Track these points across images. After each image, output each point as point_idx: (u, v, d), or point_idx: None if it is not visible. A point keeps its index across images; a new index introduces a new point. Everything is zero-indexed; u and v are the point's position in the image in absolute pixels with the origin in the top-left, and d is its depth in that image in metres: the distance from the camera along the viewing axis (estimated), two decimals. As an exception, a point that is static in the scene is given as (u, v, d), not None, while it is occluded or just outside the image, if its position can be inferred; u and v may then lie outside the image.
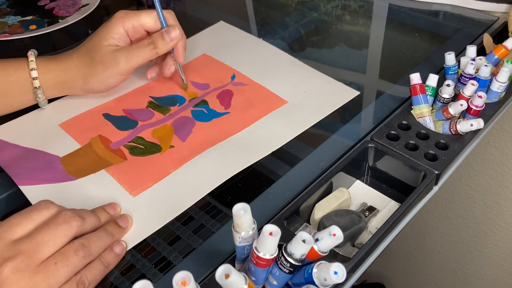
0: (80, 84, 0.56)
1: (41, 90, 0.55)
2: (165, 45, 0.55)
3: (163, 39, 0.55)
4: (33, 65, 0.54)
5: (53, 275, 0.36)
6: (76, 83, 0.56)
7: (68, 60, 0.55)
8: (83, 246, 0.38)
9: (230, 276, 0.30)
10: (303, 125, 0.55)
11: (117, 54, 0.54)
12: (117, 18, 0.55)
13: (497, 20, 0.70)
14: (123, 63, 0.54)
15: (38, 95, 0.55)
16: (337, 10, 0.77)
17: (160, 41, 0.55)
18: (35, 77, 0.54)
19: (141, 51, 0.55)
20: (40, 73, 0.54)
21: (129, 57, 0.55)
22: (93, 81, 0.55)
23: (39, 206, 0.39)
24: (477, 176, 0.96)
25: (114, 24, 0.55)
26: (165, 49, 0.56)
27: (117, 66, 0.54)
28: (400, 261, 1.29)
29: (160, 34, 0.55)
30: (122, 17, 0.55)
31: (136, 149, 0.53)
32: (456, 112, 0.51)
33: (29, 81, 0.54)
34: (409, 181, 0.49)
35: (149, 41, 0.55)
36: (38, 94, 0.55)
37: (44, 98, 0.56)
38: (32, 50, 0.55)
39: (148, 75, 0.61)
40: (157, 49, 0.55)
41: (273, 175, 0.50)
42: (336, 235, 0.33)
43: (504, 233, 1.01)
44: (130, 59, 0.55)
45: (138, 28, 0.56)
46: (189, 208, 0.46)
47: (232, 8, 0.81)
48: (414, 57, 0.66)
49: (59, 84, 0.56)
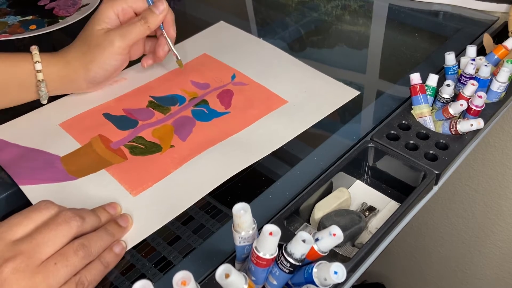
0: (82, 74, 0.56)
1: (44, 83, 0.55)
2: (155, 18, 0.57)
3: (153, 13, 0.56)
4: (37, 57, 0.54)
5: (53, 275, 0.36)
6: (78, 74, 0.56)
7: (67, 54, 0.57)
8: (83, 246, 0.38)
9: (230, 276, 0.30)
10: (303, 125, 0.55)
11: (110, 33, 0.56)
12: (106, 3, 0.57)
13: (497, 20, 0.70)
14: (118, 41, 0.55)
15: (41, 88, 0.55)
16: (337, 10, 0.77)
17: (150, 14, 0.56)
18: (39, 70, 0.54)
19: (133, 27, 0.56)
20: (43, 66, 0.55)
21: (122, 34, 0.56)
22: (93, 68, 0.56)
23: (39, 206, 0.39)
24: (477, 176, 0.96)
25: (104, 8, 0.57)
26: (156, 21, 0.57)
27: (113, 45, 0.55)
28: (400, 261, 1.29)
29: (149, 9, 0.57)
30: (111, 0, 0.57)
31: (136, 148, 0.53)
32: (456, 112, 0.51)
33: (32, 74, 0.55)
34: (409, 181, 0.49)
35: (139, 18, 0.56)
36: (41, 87, 0.55)
37: (46, 92, 0.56)
38: (35, 46, 0.55)
39: (144, 64, 0.61)
40: (148, 23, 0.56)
41: (273, 175, 0.50)
42: (336, 235, 0.33)
43: (504, 233, 1.01)
44: (124, 36, 0.56)
45: (128, 10, 0.58)
46: (189, 208, 0.46)
47: (232, 8, 0.81)
48: (414, 57, 0.66)
49: (62, 78, 0.56)
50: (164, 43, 0.60)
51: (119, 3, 0.57)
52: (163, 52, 0.60)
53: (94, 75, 0.57)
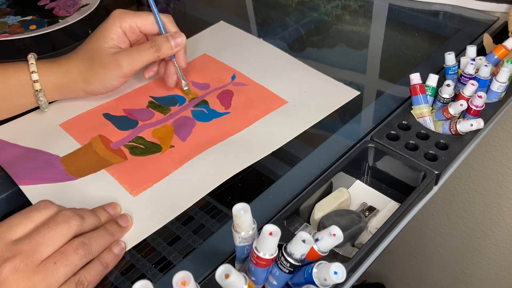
0: (81, 86, 0.55)
1: (43, 93, 0.54)
2: (169, 50, 0.55)
3: (168, 43, 0.55)
4: (33, 67, 0.53)
5: (52, 274, 0.36)
6: (77, 86, 0.55)
7: (68, 63, 0.55)
8: (83, 245, 0.38)
9: (230, 276, 0.30)
10: (303, 125, 0.55)
11: (119, 57, 0.54)
12: (114, 18, 0.55)
13: (497, 20, 0.70)
14: (126, 66, 0.54)
15: (40, 98, 0.55)
16: (337, 10, 0.77)
17: (165, 45, 0.55)
18: (35, 80, 0.54)
19: (143, 54, 0.54)
20: (40, 76, 0.54)
21: (131, 60, 0.54)
22: (94, 83, 0.55)
23: (39, 206, 0.39)
24: (477, 176, 0.96)
25: (112, 24, 0.55)
26: (169, 54, 0.56)
27: (120, 69, 0.54)
28: (400, 261, 1.29)
29: (165, 38, 0.55)
30: (119, 16, 0.55)
31: (136, 149, 0.53)
32: (456, 112, 0.51)
33: (29, 84, 0.54)
34: (409, 181, 0.49)
35: (152, 44, 0.55)
36: (40, 97, 0.54)
37: (46, 101, 0.56)
38: (32, 54, 0.55)
39: (146, 75, 0.60)
40: (160, 52, 0.55)
41: (273, 175, 0.50)
42: (336, 235, 0.33)
43: (504, 233, 1.01)
44: (132, 62, 0.54)
45: (135, 29, 0.56)
46: (189, 208, 0.46)
47: (232, 8, 0.81)
48: (414, 57, 0.66)
49: (60, 86, 0.55)
50: (173, 72, 0.58)
51: (128, 20, 0.55)
52: (172, 81, 0.59)
53: (93, 89, 0.56)
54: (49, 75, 0.54)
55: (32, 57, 0.54)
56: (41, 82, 0.54)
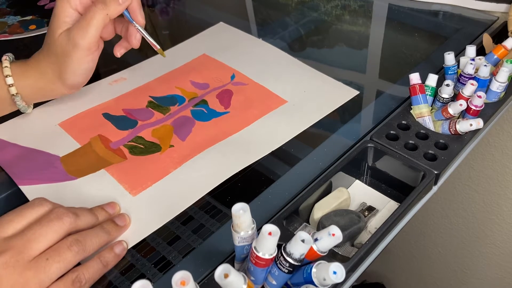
0: (59, 84, 0.53)
1: (19, 96, 0.52)
2: (117, 4, 0.49)
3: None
4: (7, 71, 0.50)
5: (44, 270, 0.36)
6: (56, 85, 0.53)
7: (39, 64, 0.52)
8: (77, 242, 0.38)
9: (229, 276, 0.30)
10: (303, 124, 0.55)
11: (70, 35, 0.49)
12: (61, 1, 0.50)
13: (497, 20, 0.70)
14: (81, 41, 0.49)
15: (17, 102, 0.52)
16: (337, 10, 0.77)
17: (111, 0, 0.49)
18: (11, 84, 0.51)
19: (91, 18, 0.49)
20: (17, 80, 0.51)
21: (83, 31, 0.49)
22: (69, 76, 0.52)
23: (33, 204, 0.39)
24: (477, 176, 0.96)
25: (60, 7, 0.50)
26: (118, 9, 0.50)
27: (78, 48, 0.49)
28: (400, 261, 1.29)
29: None
30: None
31: (136, 148, 0.53)
32: (455, 112, 0.51)
33: (5, 89, 0.51)
34: (409, 181, 0.49)
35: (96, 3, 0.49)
36: (17, 101, 0.52)
37: (25, 104, 0.53)
38: (7, 55, 0.52)
39: (116, 52, 0.55)
40: (107, 9, 0.49)
41: (273, 175, 0.50)
42: (335, 235, 0.33)
43: (504, 233, 1.01)
44: (85, 33, 0.49)
45: (86, 1, 0.51)
46: (189, 208, 0.46)
47: (232, 8, 0.81)
48: (414, 57, 0.66)
49: (39, 89, 0.53)
50: (134, 32, 0.53)
51: None
52: (136, 40, 0.54)
53: (72, 82, 0.52)
54: (25, 78, 0.52)
55: (6, 60, 0.51)
56: (18, 87, 0.51)
